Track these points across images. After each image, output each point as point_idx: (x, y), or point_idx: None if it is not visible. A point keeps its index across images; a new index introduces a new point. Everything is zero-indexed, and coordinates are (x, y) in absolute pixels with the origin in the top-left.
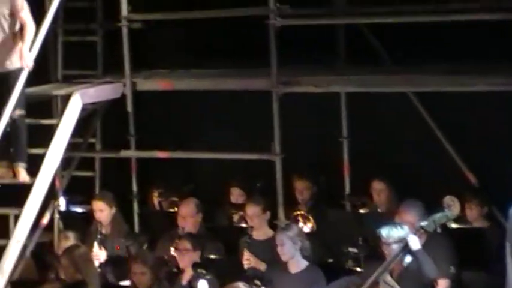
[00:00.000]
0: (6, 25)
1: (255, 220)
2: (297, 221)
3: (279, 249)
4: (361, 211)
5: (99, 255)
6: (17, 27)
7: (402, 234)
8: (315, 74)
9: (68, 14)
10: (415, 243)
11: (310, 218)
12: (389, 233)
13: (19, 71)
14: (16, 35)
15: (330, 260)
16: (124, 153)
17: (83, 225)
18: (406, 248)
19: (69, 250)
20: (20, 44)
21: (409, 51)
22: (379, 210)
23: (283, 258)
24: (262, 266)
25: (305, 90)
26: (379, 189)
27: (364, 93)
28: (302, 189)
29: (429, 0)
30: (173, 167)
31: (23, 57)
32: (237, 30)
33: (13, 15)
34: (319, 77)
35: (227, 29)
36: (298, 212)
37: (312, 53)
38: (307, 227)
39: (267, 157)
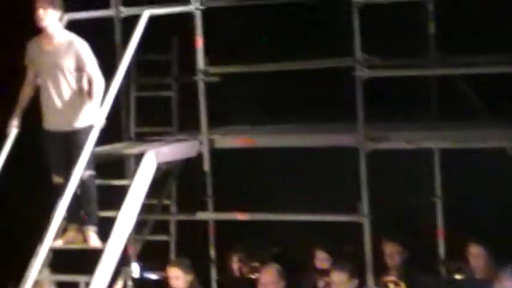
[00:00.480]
0: (72, 80)
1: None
2: None
3: None
4: (457, 277)
5: None
6: (84, 82)
7: None
8: (405, 129)
9: (141, 68)
10: None
11: (402, 284)
12: None
13: (88, 129)
14: (83, 92)
15: None
16: (201, 216)
17: None
18: None
19: None
20: (87, 100)
21: (509, 104)
22: (476, 276)
23: None
24: None
25: (395, 147)
26: (476, 254)
27: (459, 149)
28: (392, 253)
29: None
30: (254, 230)
31: (93, 115)
32: (321, 83)
33: (80, 69)
34: (410, 132)
35: (310, 82)
36: (389, 279)
37: (402, 106)
38: None
39: (354, 219)
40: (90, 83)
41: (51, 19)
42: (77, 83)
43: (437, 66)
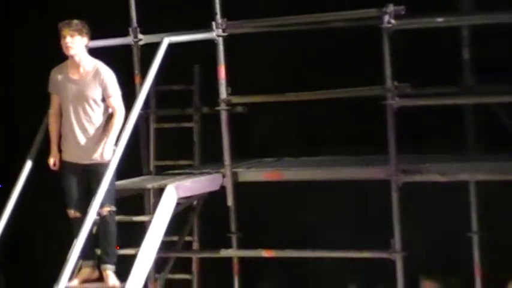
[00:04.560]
0: (97, 111)
1: None
2: None
3: None
4: None
5: None
6: (107, 114)
7: None
8: (439, 160)
9: (161, 98)
10: None
11: None
12: None
13: (108, 163)
14: (106, 124)
15: None
16: (225, 253)
17: None
18: None
19: None
20: (109, 134)
21: None
22: None
23: None
24: None
25: (429, 179)
26: None
27: (496, 182)
28: None
29: None
30: (281, 268)
31: (106, 147)
32: (350, 113)
33: (105, 100)
34: (444, 163)
35: (340, 112)
36: None
37: (436, 137)
38: None
39: (386, 255)
40: (112, 114)
41: (79, 47)
42: (101, 115)
43: (472, 94)
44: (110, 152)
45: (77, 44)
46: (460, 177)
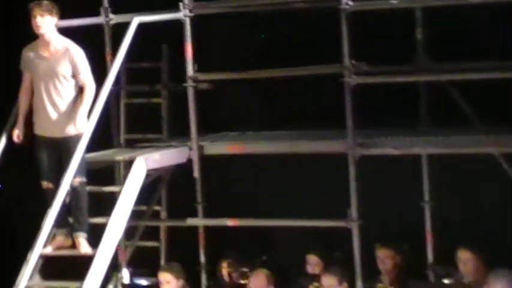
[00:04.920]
0: (67, 87)
1: None
2: None
3: None
4: (446, 282)
5: None
6: (77, 89)
7: None
8: (394, 135)
9: (131, 75)
10: None
11: None
12: None
13: (79, 136)
14: (76, 99)
15: None
16: (191, 222)
17: None
18: None
19: None
20: (79, 108)
21: (498, 111)
22: (465, 280)
23: None
24: None
25: (384, 153)
26: (465, 259)
27: (447, 155)
28: (384, 258)
29: None
30: (244, 236)
31: (77, 120)
32: (311, 90)
33: (75, 76)
34: (399, 138)
35: (300, 89)
36: (381, 285)
37: (392, 113)
38: None
39: (343, 224)
40: (82, 90)
41: (49, 26)
42: (71, 90)
43: (425, 73)
44: (83, 124)
45: (46, 23)
46: (412, 151)
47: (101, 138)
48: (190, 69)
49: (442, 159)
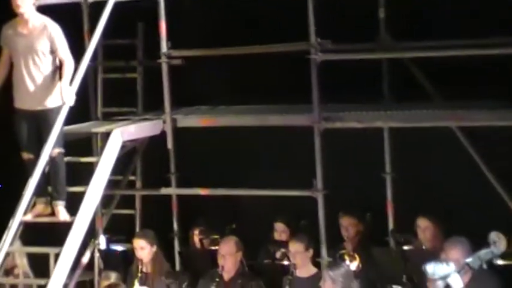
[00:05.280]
0: (44, 62)
1: (297, 258)
2: (343, 260)
3: (321, 284)
4: (406, 248)
5: None
6: (56, 64)
7: (448, 271)
8: (357, 109)
9: (108, 51)
10: (456, 283)
11: (356, 256)
12: (435, 270)
13: (58, 109)
14: (54, 73)
15: None
16: (165, 191)
17: (124, 263)
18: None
19: None
20: (59, 81)
21: (456, 86)
22: (424, 247)
23: None
24: None
25: (347, 126)
26: (424, 226)
27: (408, 129)
28: (348, 225)
29: (477, 35)
30: (215, 205)
31: (63, 93)
32: (279, 66)
33: (52, 52)
34: (362, 112)
35: (269, 65)
36: (344, 251)
37: (356, 88)
38: (353, 265)
39: (309, 194)
40: (61, 65)
41: (27, 5)
42: (49, 65)
43: (387, 50)
44: (70, 95)
45: (26, 3)
46: (375, 124)
47: (79, 111)
48: (164, 46)
49: (402, 133)
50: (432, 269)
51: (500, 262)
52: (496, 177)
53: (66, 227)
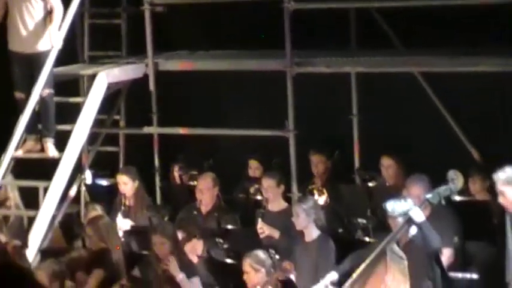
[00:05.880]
0: (36, 9)
1: (270, 193)
2: (313, 194)
3: (294, 219)
4: (370, 185)
5: (123, 225)
6: (47, 10)
7: (406, 208)
8: (327, 55)
9: None
10: (418, 215)
11: (324, 191)
12: (394, 207)
13: (48, 52)
14: (45, 19)
15: (341, 231)
16: (147, 130)
17: (108, 197)
18: (410, 221)
19: (94, 220)
20: (49, 27)
21: (419, 35)
22: (387, 184)
23: (297, 227)
24: (276, 234)
25: (317, 71)
26: (387, 165)
27: (373, 74)
28: (317, 163)
29: None
30: (193, 143)
31: (52, 37)
32: (254, 14)
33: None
34: (331, 58)
35: (245, 13)
36: (314, 186)
37: (325, 36)
38: (321, 200)
39: (281, 133)
40: (51, 11)
41: None
42: (40, 11)
43: (355, 0)
44: (58, 39)
45: None
46: (343, 69)
47: (67, 54)
48: None
49: (368, 77)
50: (392, 206)
51: (457, 198)
52: (455, 120)
53: (54, 162)
